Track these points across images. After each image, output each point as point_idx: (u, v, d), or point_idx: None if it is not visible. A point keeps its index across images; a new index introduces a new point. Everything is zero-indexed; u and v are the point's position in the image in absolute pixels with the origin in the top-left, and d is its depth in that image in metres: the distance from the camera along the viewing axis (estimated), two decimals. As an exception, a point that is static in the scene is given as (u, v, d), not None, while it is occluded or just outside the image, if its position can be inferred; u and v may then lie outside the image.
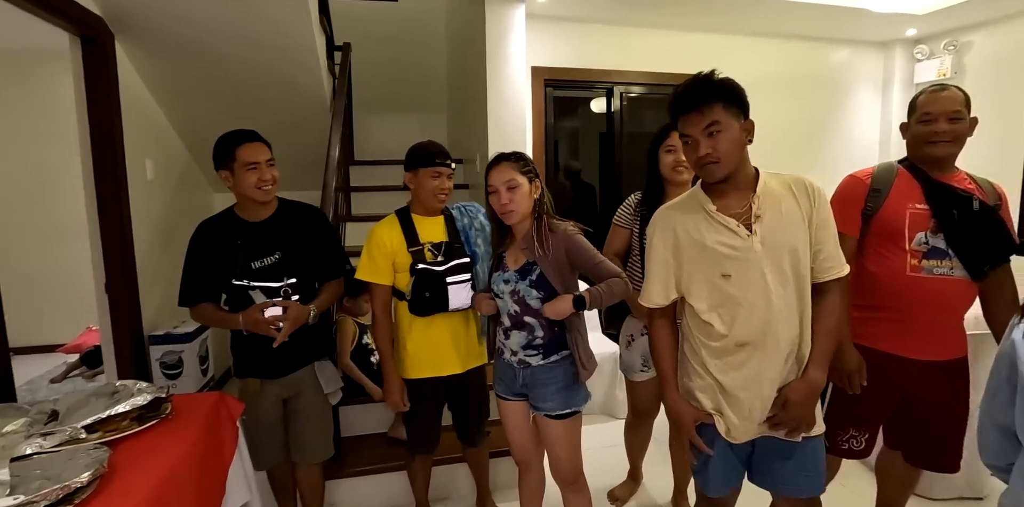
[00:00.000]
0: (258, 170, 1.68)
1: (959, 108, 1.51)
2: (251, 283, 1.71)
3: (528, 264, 1.59)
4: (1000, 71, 3.67)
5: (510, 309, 1.62)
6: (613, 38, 3.63)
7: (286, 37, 2.52)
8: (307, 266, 1.79)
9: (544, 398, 1.62)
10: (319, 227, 1.86)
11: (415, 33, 5.02)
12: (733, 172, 1.28)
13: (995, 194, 1.57)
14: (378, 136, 4.76)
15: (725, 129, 1.22)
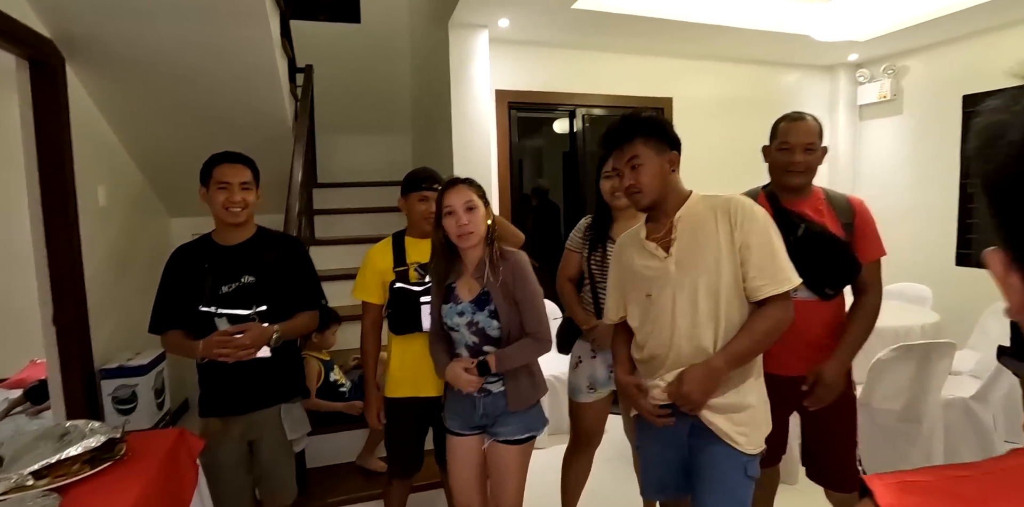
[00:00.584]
0: (227, 190, 1.65)
1: (814, 140, 1.61)
2: (218, 310, 1.64)
3: (484, 293, 1.56)
4: (933, 93, 3.91)
5: (467, 341, 1.58)
6: (574, 62, 3.72)
7: (247, 60, 2.50)
8: (280, 294, 1.73)
9: (505, 423, 1.59)
10: (297, 257, 1.82)
11: (380, 55, 5.03)
12: (659, 200, 1.39)
13: (849, 211, 1.63)
14: (343, 158, 4.72)
15: (645, 162, 1.36)
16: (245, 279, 1.68)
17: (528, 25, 3.20)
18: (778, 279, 1.29)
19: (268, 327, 1.65)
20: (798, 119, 1.65)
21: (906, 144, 4.09)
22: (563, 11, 2.97)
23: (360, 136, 4.86)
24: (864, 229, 1.62)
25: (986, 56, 3.58)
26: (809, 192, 1.66)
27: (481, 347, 1.56)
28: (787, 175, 1.63)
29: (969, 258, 3.71)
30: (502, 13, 2.98)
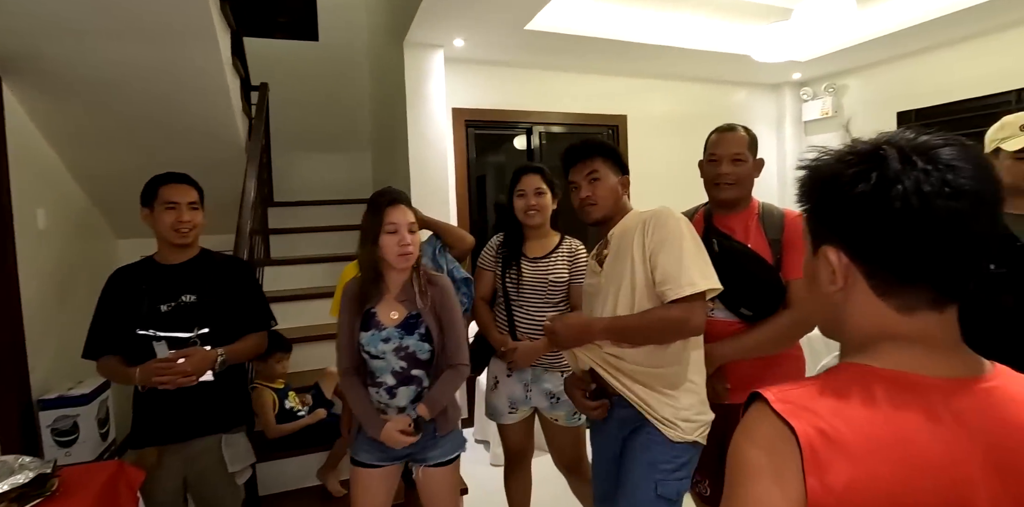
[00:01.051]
0: (176, 210, 1.63)
1: (741, 150, 1.55)
2: (156, 333, 1.58)
3: (411, 317, 1.53)
4: (870, 110, 4.13)
5: (394, 367, 1.52)
6: (530, 81, 3.79)
7: (195, 79, 2.46)
8: (225, 315, 1.68)
9: (434, 447, 1.58)
10: (243, 277, 1.79)
11: (339, 73, 5.02)
12: (609, 216, 1.44)
13: (779, 227, 1.55)
14: (301, 176, 4.66)
15: (603, 178, 1.43)
16: (186, 298, 1.63)
17: (483, 45, 3.25)
18: (680, 283, 1.27)
19: (211, 351, 1.60)
20: (727, 130, 1.61)
21: (848, 158, 4.28)
22: (516, 32, 3.03)
23: (319, 154, 4.81)
24: (792, 245, 1.52)
25: (916, 76, 3.80)
26: (744, 207, 1.61)
27: (409, 372, 1.53)
28: (716, 188, 1.59)
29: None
30: (457, 33, 3.03)
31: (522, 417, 1.98)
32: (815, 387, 0.57)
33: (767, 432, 0.55)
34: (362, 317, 1.53)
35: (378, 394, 1.53)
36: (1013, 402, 0.56)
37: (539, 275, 1.89)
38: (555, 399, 1.91)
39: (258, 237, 3.09)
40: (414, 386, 1.53)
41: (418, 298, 1.52)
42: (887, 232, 0.54)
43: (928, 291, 0.56)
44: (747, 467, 0.56)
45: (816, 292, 0.63)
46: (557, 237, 1.98)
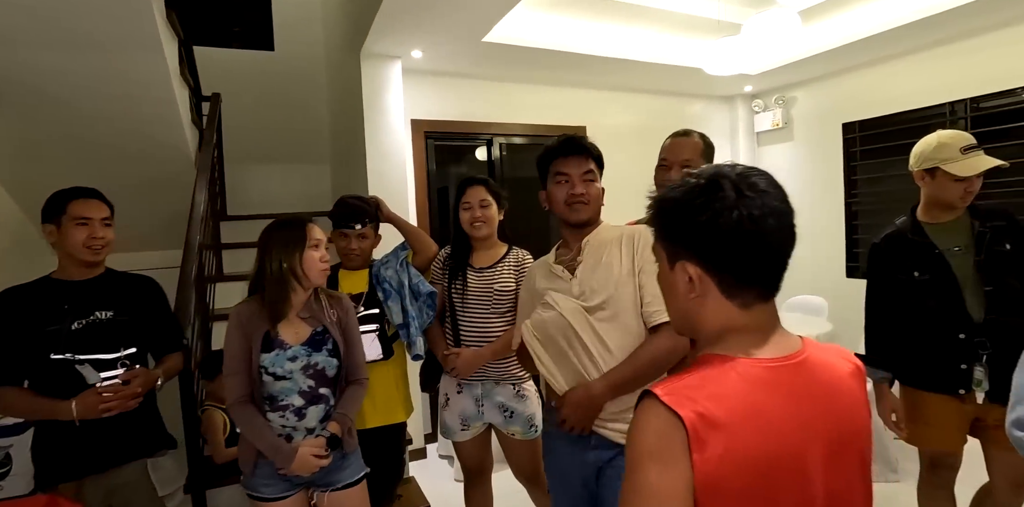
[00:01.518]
0: (89, 226, 1.53)
1: (692, 156, 1.54)
2: (77, 356, 1.45)
3: (317, 334, 1.52)
4: (817, 121, 4.29)
5: (301, 387, 1.49)
6: (489, 92, 3.79)
7: (140, 91, 2.37)
8: (146, 334, 1.60)
9: (340, 468, 1.55)
10: (154, 296, 1.70)
11: (295, 83, 4.92)
12: (592, 220, 1.42)
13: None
14: (257, 188, 4.54)
15: (596, 180, 1.42)
16: (100, 314, 1.52)
17: (442, 56, 3.24)
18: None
19: (154, 372, 1.53)
20: (681, 135, 1.61)
21: (798, 168, 4.44)
22: (475, 44, 3.04)
23: (276, 166, 4.70)
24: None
25: (858, 89, 3.98)
26: None
27: (317, 390, 1.50)
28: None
29: (857, 270, 4.04)
30: (414, 44, 3.01)
31: (475, 433, 1.95)
32: (690, 378, 0.69)
33: (657, 423, 0.65)
34: (263, 339, 1.47)
35: (283, 418, 1.48)
36: (820, 367, 0.73)
37: (484, 285, 1.89)
38: (509, 413, 1.88)
39: (209, 252, 2.98)
40: (323, 404, 1.52)
41: (325, 314, 1.54)
42: (731, 246, 0.69)
43: (760, 289, 0.71)
44: (640, 456, 0.65)
45: (675, 300, 0.77)
46: (504, 248, 1.98)
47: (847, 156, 4.08)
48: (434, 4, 2.47)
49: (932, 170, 1.71)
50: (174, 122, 2.66)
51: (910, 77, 3.65)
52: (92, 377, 1.45)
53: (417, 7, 2.49)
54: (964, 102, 3.40)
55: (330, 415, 1.53)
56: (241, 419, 1.47)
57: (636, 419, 0.67)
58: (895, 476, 2.74)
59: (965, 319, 1.62)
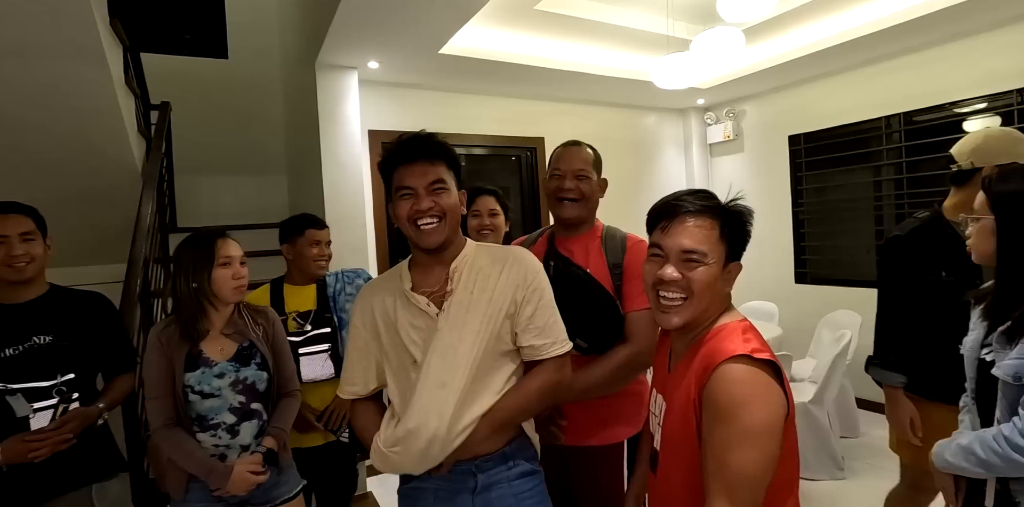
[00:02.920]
0: (6, 244, 1.43)
1: (585, 167, 1.48)
2: (8, 386, 1.37)
3: (244, 349, 1.50)
4: (765, 133, 4.47)
5: (232, 403, 1.45)
6: (447, 103, 3.81)
7: (81, 100, 2.28)
8: (88, 358, 1.52)
9: (277, 484, 1.52)
10: (102, 315, 1.62)
11: (250, 92, 4.82)
12: (447, 242, 1.17)
13: (620, 251, 1.46)
14: (209, 200, 4.42)
15: (449, 189, 1.15)
16: (38, 340, 1.44)
17: (398, 68, 3.24)
18: (554, 341, 1.16)
19: (91, 408, 1.46)
20: (572, 145, 1.54)
21: (749, 178, 4.61)
22: (431, 56, 3.05)
23: (230, 177, 4.59)
24: (632, 272, 1.40)
25: (802, 103, 4.16)
26: (587, 229, 1.52)
27: (249, 405, 1.48)
28: (559, 204, 1.49)
29: (805, 276, 4.20)
30: (370, 56, 3.00)
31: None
32: (749, 336, 0.92)
33: (755, 379, 0.84)
34: (186, 358, 1.43)
35: (215, 436, 1.44)
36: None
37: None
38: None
39: (157, 266, 2.88)
40: (256, 420, 1.49)
41: (251, 328, 1.52)
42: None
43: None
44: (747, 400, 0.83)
45: (717, 291, 0.97)
46: None
47: (793, 167, 4.26)
48: (389, 16, 2.48)
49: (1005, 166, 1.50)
50: (118, 132, 2.56)
51: (849, 92, 3.85)
52: (22, 409, 1.37)
53: (372, 19, 2.49)
54: (899, 116, 3.60)
55: (264, 430, 1.51)
56: (169, 443, 1.41)
57: (729, 374, 0.85)
58: (841, 474, 2.84)
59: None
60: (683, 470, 0.96)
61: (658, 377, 1.14)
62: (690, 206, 0.97)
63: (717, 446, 0.84)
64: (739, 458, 0.82)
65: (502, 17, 3.05)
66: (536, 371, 1.17)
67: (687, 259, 0.96)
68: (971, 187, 1.59)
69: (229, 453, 1.45)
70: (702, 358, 0.92)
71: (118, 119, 2.50)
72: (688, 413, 0.92)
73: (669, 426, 0.99)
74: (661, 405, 1.05)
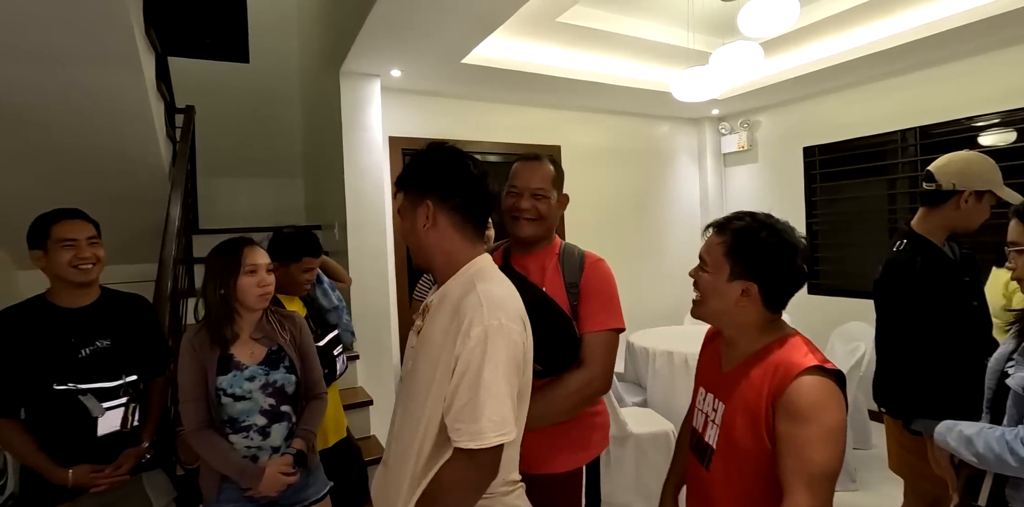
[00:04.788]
0: (75, 247, 1.51)
1: (543, 185, 1.39)
2: (78, 386, 1.46)
3: (273, 352, 1.54)
4: (780, 144, 4.49)
5: (262, 406, 1.49)
6: (466, 111, 3.86)
7: (115, 106, 2.34)
8: (141, 360, 1.61)
9: (305, 485, 1.57)
10: (146, 317, 1.71)
11: (269, 96, 4.91)
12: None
13: (577, 270, 1.39)
14: (227, 202, 4.49)
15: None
16: (101, 343, 1.53)
17: (420, 75, 3.30)
18: (471, 429, 0.91)
19: (138, 448, 1.56)
20: (531, 160, 1.44)
21: (763, 188, 4.63)
22: (453, 65, 3.10)
23: (247, 179, 4.66)
24: (590, 292, 1.35)
25: (819, 114, 4.19)
26: (544, 246, 1.45)
27: (279, 408, 1.52)
28: (515, 222, 1.41)
29: (818, 287, 4.21)
30: (394, 64, 3.06)
31: None
32: (812, 348, 1.04)
33: (828, 387, 0.97)
34: (217, 362, 1.48)
35: (248, 438, 1.48)
36: None
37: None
38: None
39: (182, 267, 2.93)
40: (286, 422, 1.53)
41: (279, 333, 1.56)
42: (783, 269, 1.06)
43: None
44: (823, 406, 0.95)
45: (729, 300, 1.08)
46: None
47: (808, 178, 4.28)
48: (416, 27, 2.53)
49: (982, 193, 1.55)
50: (149, 136, 2.63)
51: (865, 105, 3.87)
52: (95, 409, 1.47)
53: (400, 29, 2.54)
54: (915, 130, 3.62)
55: (294, 432, 1.55)
56: (202, 445, 1.45)
57: (807, 382, 0.96)
58: (853, 485, 2.86)
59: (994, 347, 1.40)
60: (742, 467, 1.04)
61: (708, 376, 1.21)
62: (721, 225, 1.13)
63: (799, 445, 0.94)
64: (821, 455, 0.93)
65: (524, 28, 3.10)
66: (441, 473, 0.97)
67: (699, 266, 1.14)
68: (946, 209, 1.60)
69: (261, 454, 1.50)
70: (773, 368, 1.01)
71: (150, 124, 2.56)
72: (758, 416, 1.01)
73: (729, 426, 1.07)
74: (715, 404, 1.13)
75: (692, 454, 1.20)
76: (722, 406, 1.11)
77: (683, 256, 4.85)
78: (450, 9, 2.35)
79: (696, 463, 1.17)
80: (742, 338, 1.12)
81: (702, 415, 1.18)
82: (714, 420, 1.12)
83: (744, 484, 1.05)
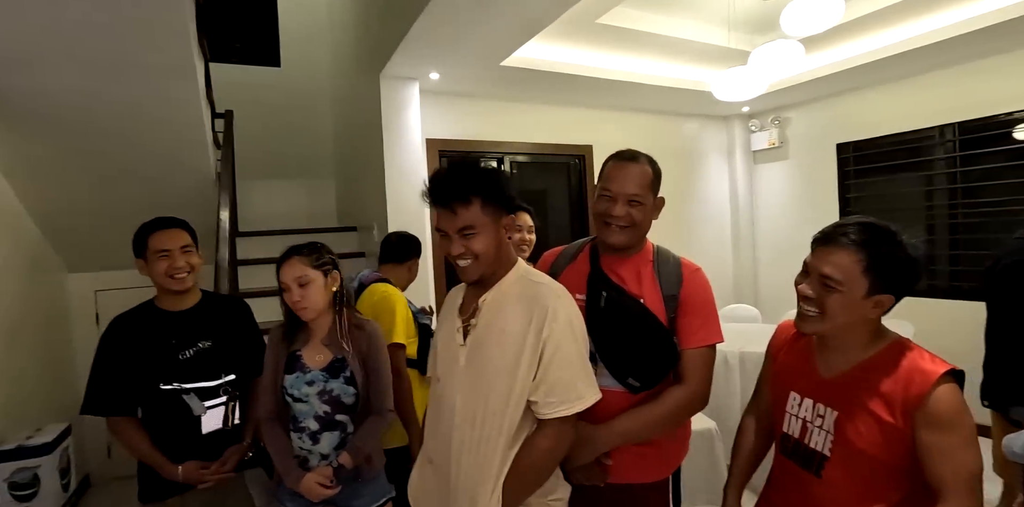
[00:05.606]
0: (169, 257, 1.57)
1: (640, 191, 1.29)
2: (182, 385, 1.53)
3: (336, 361, 1.52)
4: (812, 141, 4.46)
5: (316, 411, 1.49)
6: (501, 112, 3.89)
7: (170, 114, 2.41)
8: (241, 361, 1.67)
9: (356, 495, 1.53)
10: (245, 319, 1.76)
11: (300, 100, 4.98)
12: (483, 277, 1.15)
13: (676, 281, 1.30)
14: (262, 204, 4.55)
15: (479, 233, 1.11)
16: (202, 344, 1.60)
17: (458, 78, 3.33)
18: (570, 398, 1.07)
19: (241, 446, 1.62)
20: (628, 160, 1.32)
21: (794, 185, 4.60)
22: (492, 67, 3.13)
23: (280, 182, 4.72)
24: (690, 305, 1.28)
25: (851, 112, 4.15)
26: (637, 250, 1.36)
27: (333, 416, 1.51)
28: (606, 228, 1.31)
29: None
30: (433, 67, 3.09)
31: None
32: (931, 353, 1.06)
33: (959, 391, 1.00)
34: (287, 359, 1.51)
35: (301, 440, 1.49)
36: None
37: None
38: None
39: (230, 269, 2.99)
40: (338, 432, 1.51)
41: (343, 342, 1.52)
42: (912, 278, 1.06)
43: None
44: (962, 412, 0.99)
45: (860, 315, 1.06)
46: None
47: (841, 175, 4.25)
48: (461, 31, 2.56)
49: None
50: (200, 142, 2.69)
51: (901, 102, 3.83)
52: (197, 408, 1.54)
53: (444, 33, 2.57)
54: (953, 126, 3.58)
55: (346, 442, 1.51)
56: (269, 435, 1.51)
57: (944, 393, 0.99)
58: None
59: None
60: (865, 475, 1.06)
61: (802, 381, 1.19)
62: (843, 238, 1.06)
63: (949, 452, 0.98)
64: (972, 458, 0.99)
65: (563, 29, 3.11)
66: (529, 442, 1.10)
67: (823, 283, 1.07)
68: None
69: (311, 458, 1.50)
70: (906, 377, 1.03)
71: (201, 130, 2.62)
72: (890, 425, 1.03)
73: (848, 433, 1.07)
74: (820, 410, 1.13)
75: (789, 461, 1.18)
76: (832, 412, 1.10)
77: (714, 255, 4.84)
78: (497, 13, 2.37)
79: (798, 469, 1.16)
80: (854, 345, 1.10)
81: (798, 421, 1.17)
82: (821, 426, 1.12)
83: (867, 490, 1.06)
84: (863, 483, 1.06)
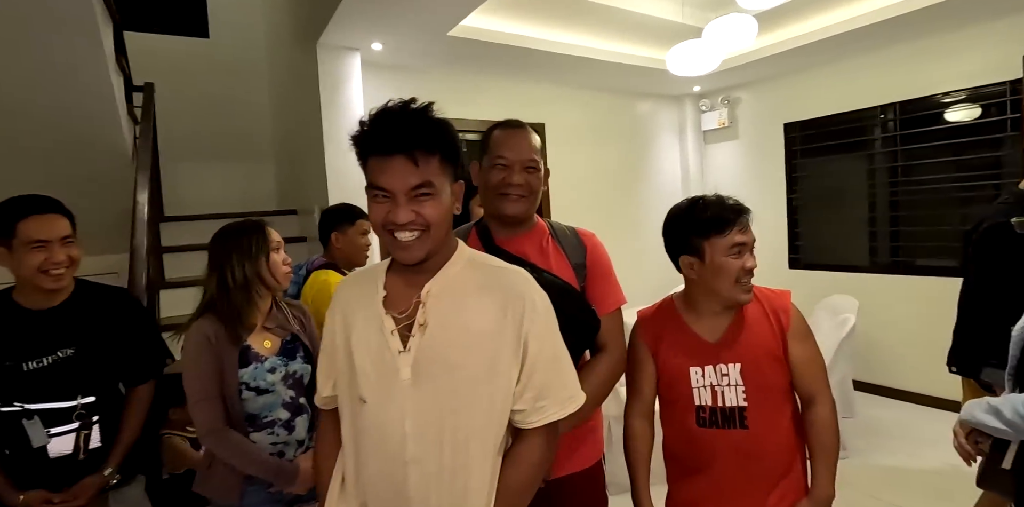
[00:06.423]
0: (47, 249, 1.30)
1: (533, 156, 1.22)
2: (25, 406, 1.26)
3: (288, 342, 1.44)
4: (760, 121, 4.50)
5: (284, 398, 1.40)
6: (449, 87, 3.71)
7: (75, 82, 2.14)
8: (111, 374, 1.42)
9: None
10: (129, 315, 1.51)
11: (232, 74, 4.60)
12: (429, 256, 0.90)
13: (579, 249, 1.28)
14: (194, 187, 4.23)
15: (437, 194, 0.88)
16: (63, 353, 1.33)
17: (402, 49, 3.13)
18: (562, 398, 0.92)
19: (99, 476, 1.37)
20: (516, 128, 1.25)
21: (743, 165, 4.64)
22: (438, 38, 2.95)
23: (214, 163, 4.40)
24: (597, 271, 1.26)
25: (799, 91, 4.20)
26: (531, 225, 1.29)
27: (298, 400, 1.43)
28: (503, 199, 1.21)
29: (798, 261, 4.28)
30: (375, 37, 2.88)
31: None
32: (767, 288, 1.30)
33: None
34: (239, 354, 1.35)
35: (273, 434, 1.38)
36: None
37: None
38: None
39: (151, 257, 2.74)
40: (305, 414, 1.45)
41: (292, 321, 1.48)
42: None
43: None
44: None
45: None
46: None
47: (788, 154, 4.31)
48: (402, -5, 2.38)
49: None
50: (110, 113, 2.41)
51: (845, 82, 3.89)
52: (38, 438, 1.28)
53: (384, -2, 2.38)
54: (894, 105, 3.66)
55: (314, 425, 1.43)
56: (225, 447, 1.31)
57: (796, 310, 1.24)
58: (844, 453, 2.93)
59: None
60: (777, 403, 1.22)
61: (698, 355, 1.26)
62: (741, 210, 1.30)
63: (812, 357, 1.21)
64: (822, 361, 1.23)
65: (515, 1, 2.97)
66: (523, 452, 0.91)
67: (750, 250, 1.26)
68: None
69: (287, 450, 1.40)
70: (770, 310, 1.24)
71: (110, 100, 2.35)
72: (778, 353, 1.21)
73: (756, 375, 1.21)
74: (723, 370, 1.23)
75: (708, 430, 1.24)
76: (735, 366, 1.22)
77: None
78: (441, -25, 2.20)
79: (722, 433, 1.23)
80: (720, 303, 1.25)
81: (707, 389, 1.25)
82: (730, 384, 1.22)
83: (779, 418, 1.22)
84: (776, 412, 1.21)
